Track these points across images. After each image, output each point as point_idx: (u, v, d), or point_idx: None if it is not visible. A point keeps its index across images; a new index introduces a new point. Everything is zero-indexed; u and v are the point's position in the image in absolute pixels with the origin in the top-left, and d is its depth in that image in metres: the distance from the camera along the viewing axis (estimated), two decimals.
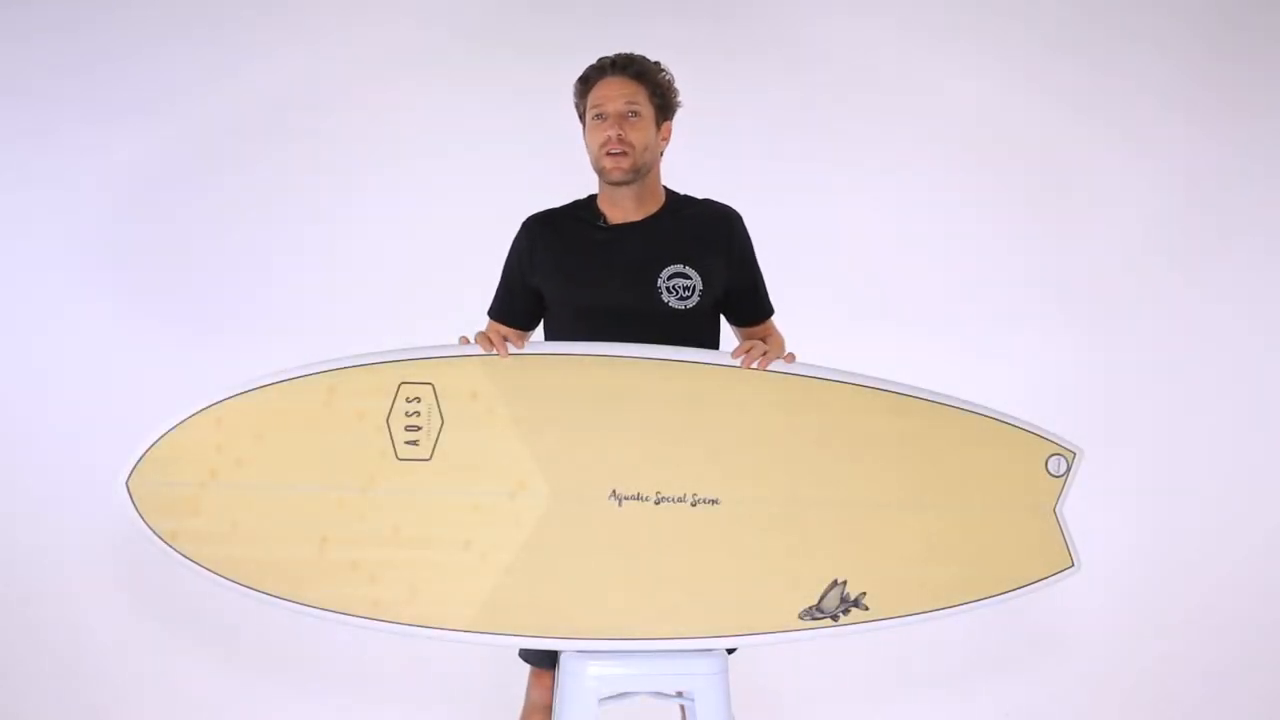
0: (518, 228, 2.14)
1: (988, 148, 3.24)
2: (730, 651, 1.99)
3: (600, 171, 2.04)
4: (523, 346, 1.91)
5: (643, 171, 2.03)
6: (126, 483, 1.81)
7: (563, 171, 2.27)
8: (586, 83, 2.06)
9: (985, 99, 3.25)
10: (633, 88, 2.02)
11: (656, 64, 2.07)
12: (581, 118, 2.09)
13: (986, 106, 3.25)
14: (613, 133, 1.99)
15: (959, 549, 1.92)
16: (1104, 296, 3.26)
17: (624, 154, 1.99)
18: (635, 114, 2.01)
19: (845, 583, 1.89)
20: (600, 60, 2.06)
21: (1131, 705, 3.18)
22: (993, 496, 1.94)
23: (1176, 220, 3.26)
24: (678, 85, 2.09)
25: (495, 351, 1.88)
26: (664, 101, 2.06)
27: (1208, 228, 3.26)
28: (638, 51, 2.07)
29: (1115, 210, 3.26)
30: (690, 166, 2.27)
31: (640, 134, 2.01)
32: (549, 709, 2.13)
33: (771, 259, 2.19)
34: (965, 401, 1.95)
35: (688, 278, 2.04)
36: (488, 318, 2.17)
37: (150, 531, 1.81)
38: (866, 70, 3.22)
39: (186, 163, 3.08)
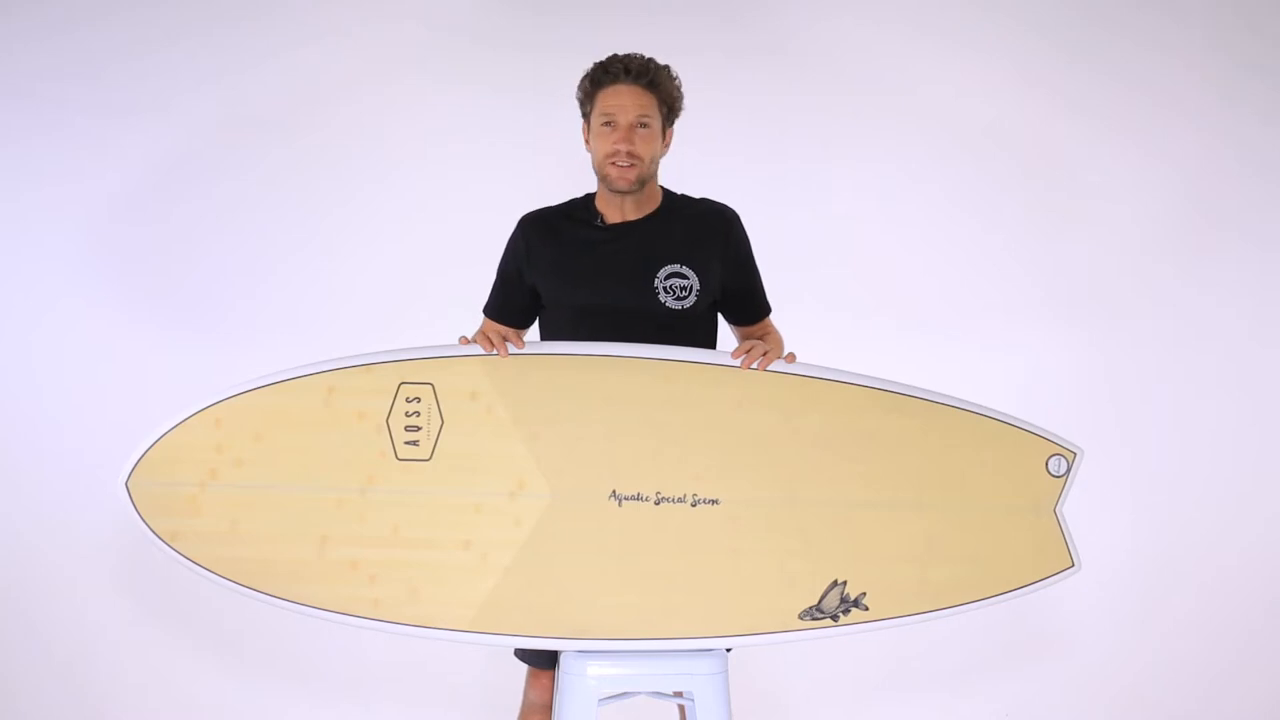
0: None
1: (988, 149, 3.24)
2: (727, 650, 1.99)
3: (604, 179, 2.03)
4: (522, 345, 1.91)
5: (646, 181, 2.03)
6: (126, 483, 1.81)
7: (563, 171, 2.27)
8: (597, 84, 2.01)
9: (986, 100, 3.24)
10: (645, 98, 1.99)
11: (667, 69, 2.03)
12: (585, 116, 2.06)
13: (987, 108, 3.24)
14: (623, 146, 1.97)
15: (959, 549, 1.92)
16: (1104, 296, 3.26)
17: (631, 166, 1.98)
18: (645, 125, 1.99)
19: (845, 583, 1.89)
20: (612, 62, 2.00)
21: (1131, 705, 3.18)
22: (993, 496, 1.94)
23: (1176, 220, 3.26)
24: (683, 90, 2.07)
25: (495, 351, 1.88)
26: (671, 110, 2.05)
27: (1208, 228, 3.26)
28: (639, 51, 2.04)
29: (1115, 210, 3.26)
30: (692, 165, 2.27)
31: (648, 145, 1.99)
32: (547, 708, 2.13)
33: (772, 259, 2.19)
34: (965, 401, 1.95)
35: (685, 278, 2.04)
36: (483, 315, 2.17)
37: (150, 531, 1.81)
38: (867, 71, 3.22)
39: (186, 163, 3.08)
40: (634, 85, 1.99)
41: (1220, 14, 3.27)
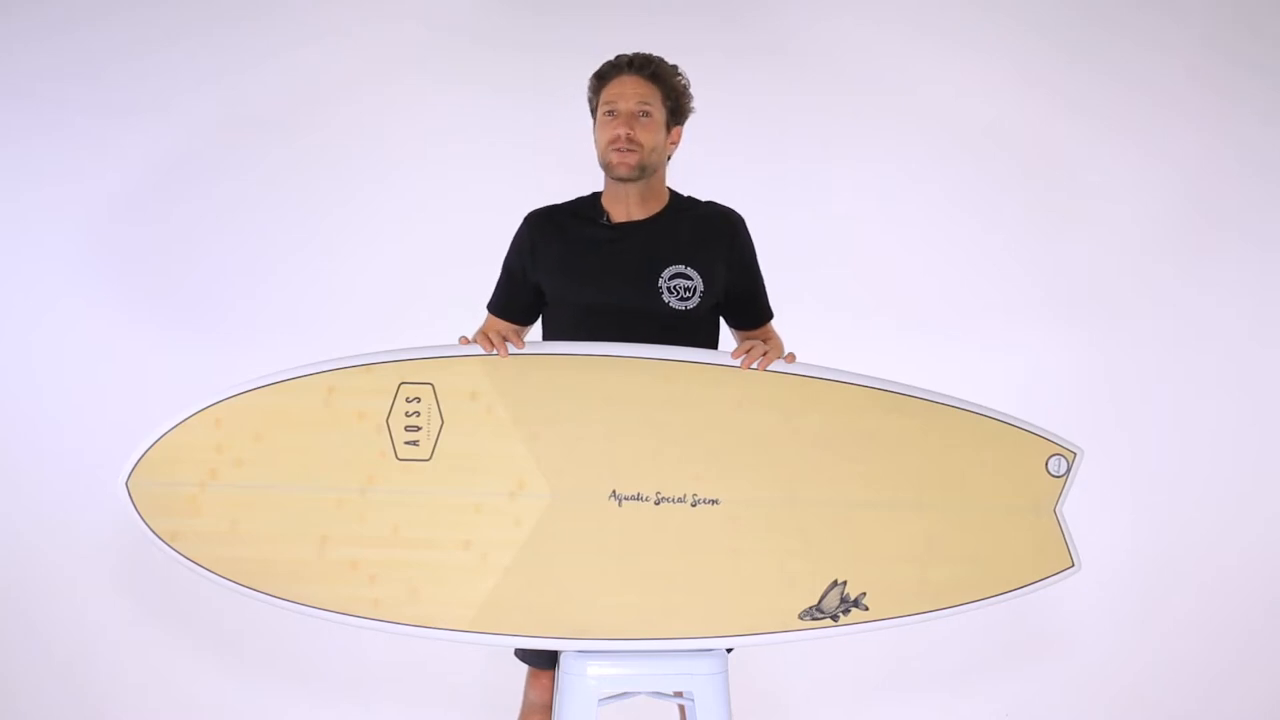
0: (519, 222, 2.14)
1: (988, 149, 3.24)
2: (728, 651, 1.99)
3: (606, 167, 2.04)
4: (522, 345, 1.91)
5: (649, 171, 2.03)
6: (126, 483, 1.81)
7: (564, 171, 2.27)
8: (602, 79, 2.06)
9: (986, 100, 3.25)
10: (647, 88, 2.02)
11: (674, 68, 2.07)
12: (593, 112, 2.08)
13: (987, 108, 3.24)
14: (622, 131, 2.00)
15: (959, 549, 1.92)
16: (1104, 296, 3.26)
17: (631, 151, 2.00)
18: (646, 114, 2.01)
19: (845, 583, 1.89)
20: (618, 58, 2.06)
21: (1131, 705, 3.18)
22: (993, 496, 1.94)
23: (1176, 220, 3.26)
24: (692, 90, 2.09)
25: (495, 351, 1.88)
26: (677, 105, 2.07)
27: (1208, 228, 3.26)
28: (643, 51, 2.06)
29: (1115, 210, 3.26)
30: (692, 165, 2.27)
31: (649, 134, 2.01)
32: (548, 708, 2.13)
33: (772, 259, 2.19)
34: (965, 401, 1.95)
35: (688, 279, 2.04)
36: (487, 311, 2.17)
37: (150, 531, 1.81)
38: (867, 71, 3.22)
39: (186, 163, 3.08)
40: (635, 76, 2.03)
41: (1220, 14, 3.26)
